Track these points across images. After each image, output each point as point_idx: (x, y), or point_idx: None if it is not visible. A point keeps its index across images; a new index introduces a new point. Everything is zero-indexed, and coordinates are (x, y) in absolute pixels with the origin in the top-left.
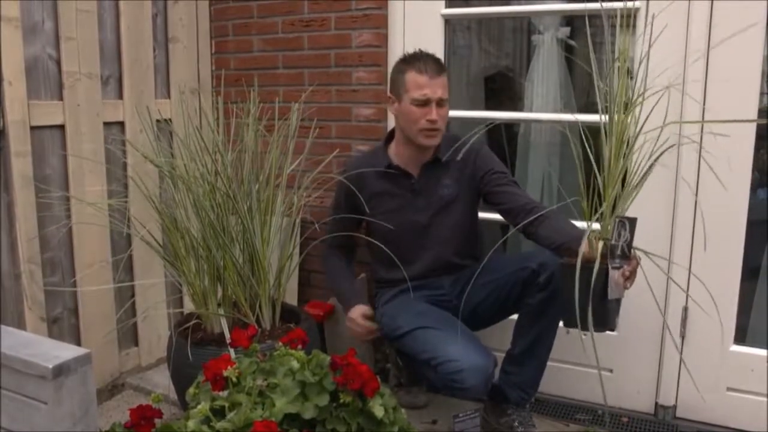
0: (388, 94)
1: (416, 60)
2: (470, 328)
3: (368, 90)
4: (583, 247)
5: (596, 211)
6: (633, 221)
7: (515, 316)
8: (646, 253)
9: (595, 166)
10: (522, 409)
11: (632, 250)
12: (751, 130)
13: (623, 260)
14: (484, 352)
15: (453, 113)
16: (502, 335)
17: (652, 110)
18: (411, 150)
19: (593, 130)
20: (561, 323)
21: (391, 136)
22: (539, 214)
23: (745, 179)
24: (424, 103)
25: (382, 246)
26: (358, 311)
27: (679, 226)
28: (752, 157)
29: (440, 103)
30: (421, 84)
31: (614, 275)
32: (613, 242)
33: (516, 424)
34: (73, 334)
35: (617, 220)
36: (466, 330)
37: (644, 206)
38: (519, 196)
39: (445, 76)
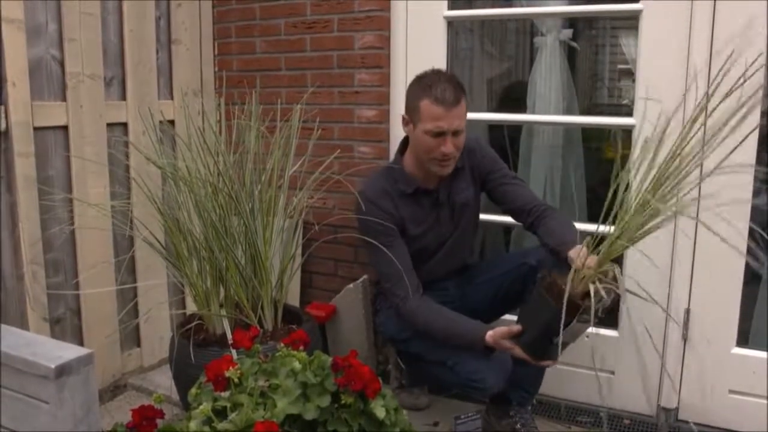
0: (403, 114)
1: (433, 87)
2: None
3: (370, 92)
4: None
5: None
6: (617, 296)
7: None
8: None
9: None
10: (524, 410)
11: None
12: (753, 133)
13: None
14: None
15: None
16: None
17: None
18: (426, 168)
19: (597, 131)
20: None
21: (404, 145)
22: (537, 215)
23: (747, 182)
24: (439, 134)
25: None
26: (500, 335)
27: (681, 229)
28: (755, 160)
29: (456, 133)
30: (436, 116)
31: (576, 327)
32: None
33: (518, 426)
34: (75, 335)
35: (603, 287)
36: None
37: None
38: (520, 196)
39: (462, 102)
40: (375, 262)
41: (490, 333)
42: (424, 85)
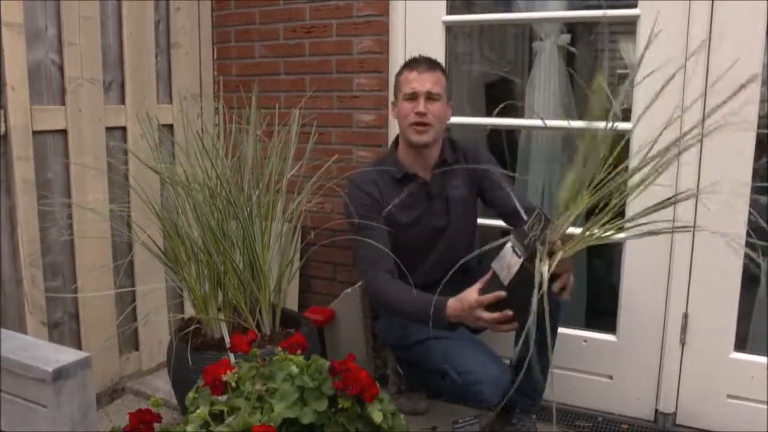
0: (391, 100)
1: (410, 61)
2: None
3: (369, 96)
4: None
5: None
6: (547, 222)
7: None
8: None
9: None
10: (528, 417)
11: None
12: (751, 137)
13: (525, 251)
14: (499, 363)
15: (454, 119)
16: (503, 341)
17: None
18: (416, 154)
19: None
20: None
21: (397, 143)
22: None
23: (745, 185)
24: (413, 96)
25: (394, 257)
26: (473, 296)
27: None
28: (752, 164)
29: (430, 97)
30: (410, 79)
31: (510, 259)
32: (525, 228)
33: None
34: (73, 339)
35: (537, 212)
36: (479, 340)
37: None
38: (511, 199)
39: (438, 73)
40: (354, 246)
41: (451, 303)
42: (404, 64)
